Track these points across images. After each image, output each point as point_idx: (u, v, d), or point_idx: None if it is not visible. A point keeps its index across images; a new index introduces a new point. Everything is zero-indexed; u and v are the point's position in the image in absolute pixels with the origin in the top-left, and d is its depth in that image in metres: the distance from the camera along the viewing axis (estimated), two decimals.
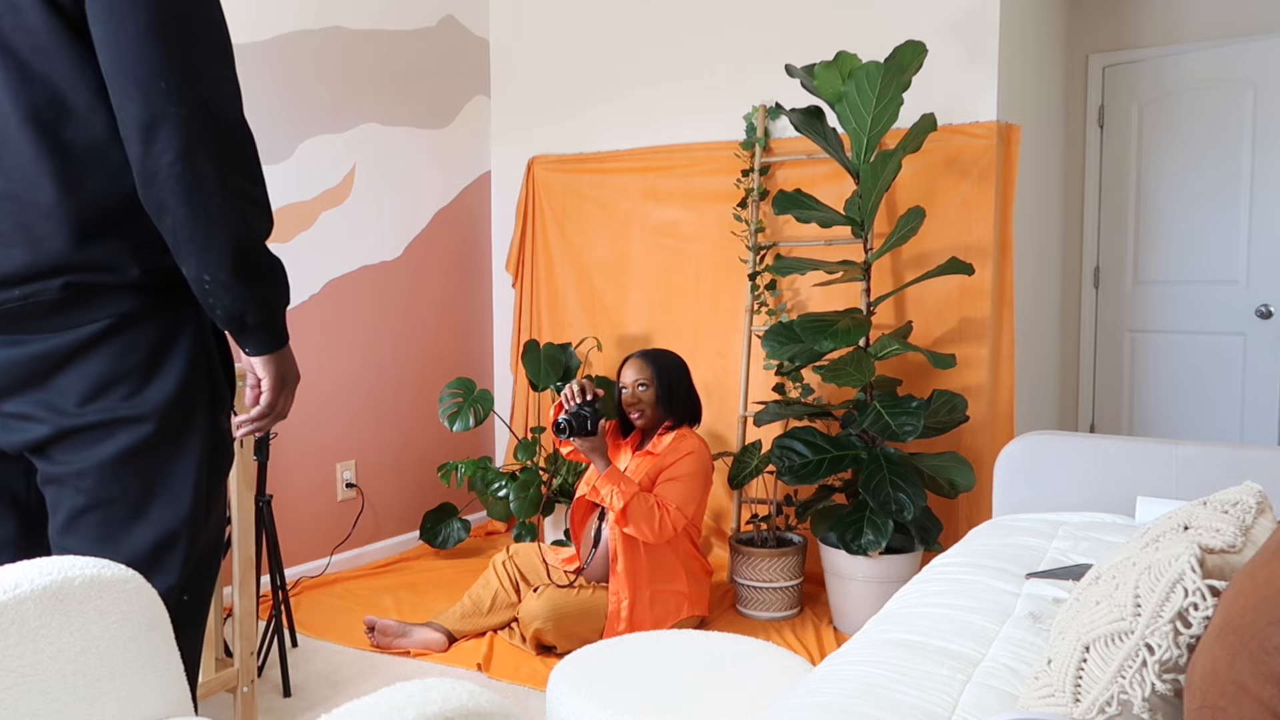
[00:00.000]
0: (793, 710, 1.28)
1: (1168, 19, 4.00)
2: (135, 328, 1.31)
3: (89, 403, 1.31)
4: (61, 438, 1.32)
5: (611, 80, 3.95)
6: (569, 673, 1.88)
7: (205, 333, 1.40)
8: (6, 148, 1.22)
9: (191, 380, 1.36)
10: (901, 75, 2.79)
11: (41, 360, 1.29)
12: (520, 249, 4.20)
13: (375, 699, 0.93)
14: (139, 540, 1.35)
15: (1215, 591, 0.96)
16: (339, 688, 2.58)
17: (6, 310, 1.28)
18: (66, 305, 1.27)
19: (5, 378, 1.30)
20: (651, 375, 2.95)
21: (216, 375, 1.41)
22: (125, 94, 1.18)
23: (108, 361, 1.30)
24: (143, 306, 1.31)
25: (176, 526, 1.37)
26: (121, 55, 1.17)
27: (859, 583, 2.92)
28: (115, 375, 1.31)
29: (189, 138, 1.20)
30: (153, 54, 1.17)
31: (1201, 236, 3.99)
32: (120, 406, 1.31)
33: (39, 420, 1.31)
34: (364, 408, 3.72)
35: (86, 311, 1.28)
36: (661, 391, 2.95)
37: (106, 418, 1.31)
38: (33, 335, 1.28)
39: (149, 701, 1.21)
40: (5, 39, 1.18)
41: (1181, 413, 4.08)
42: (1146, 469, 2.28)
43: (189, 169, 1.21)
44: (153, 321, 1.33)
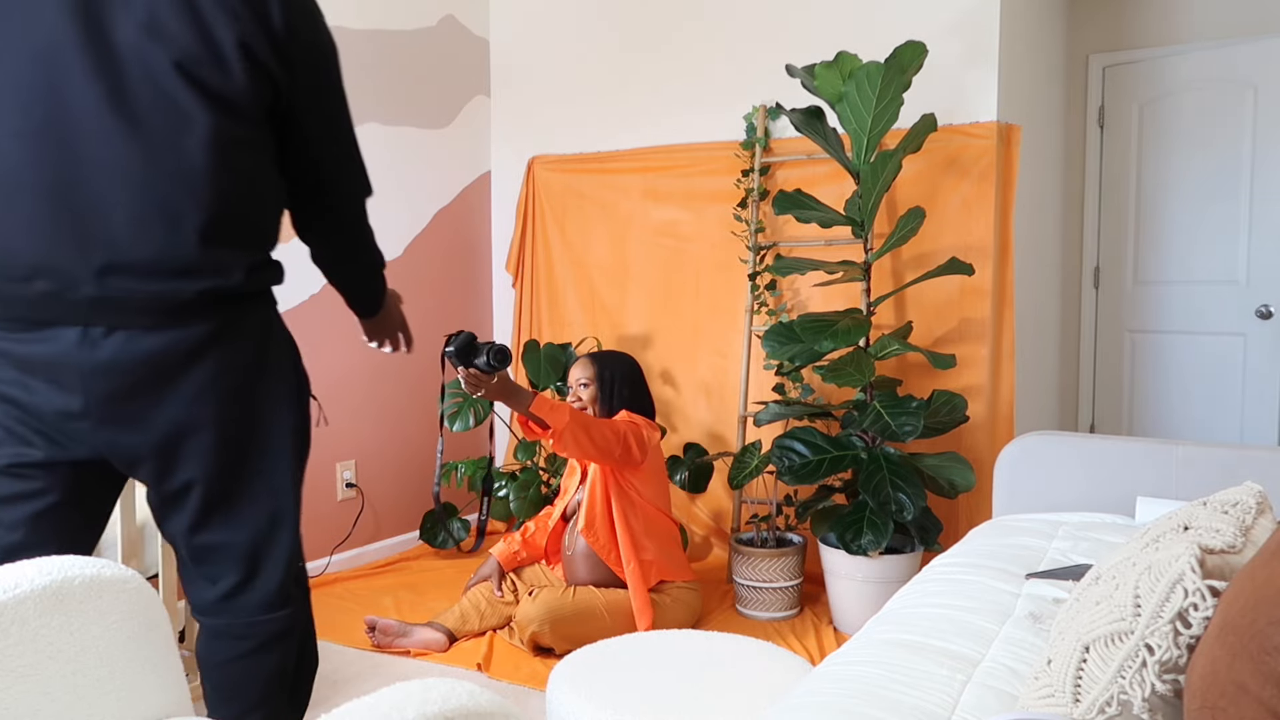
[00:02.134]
0: (793, 710, 1.28)
1: (1168, 19, 4.00)
2: (240, 330, 1.51)
3: (200, 401, 1.47)
4: (174, 440, 1.47)
5: (611, 80, 3.95)
6: (569, 673, 1.88)
7: (285, 330, 1.63)
8: (185, 159, 1.41)
9: (288, 376, 1.60)
10: (902, 75, 2.79)
11: (165, 356, 1.43)
12: (520, 249, 4.20)
13: (375, 699, 0.93)
14: (257, 524, 1.56)
15: (1215, 592, 0.96)
16: (339, 688, 2.58)
17: (135, 301, 1.41)
18: (196, 306, 1.44)
19: (133, 374, 1.43)
20: (594, 374, 2.99)
21: (301, 371, 1.64)
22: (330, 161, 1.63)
23: (219, 362, 1.48)
24: (245, 311, 1.52)
25: (285, 507, 1.60)
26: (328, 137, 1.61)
27: (859, 583, 2.92)
28: (227, 375, 1.49)
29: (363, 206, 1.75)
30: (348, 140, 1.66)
31: (1201, 237, 3.99)
32: (233, 404, 1.50)
33: (152, 425, 1.46)
34: (364, 408, 3.72)
35: (207, 313, 1.46)
36: (602, 391, 2.97)
37: (221, 415, 1.49)
38: (153, 330, 1.42)
39: (149, 701, 1.21)
40: (207, 82, 1.41)
41: (1181, 413, 4.08)
42: (1146, 469, 2.28)
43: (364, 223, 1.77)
44: (253, 324, 1.54)
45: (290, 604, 1.61)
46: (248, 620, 1.57)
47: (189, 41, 1.39)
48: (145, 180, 1.39)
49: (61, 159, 1.37)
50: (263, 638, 1.58)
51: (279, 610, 1.59)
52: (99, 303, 1.39)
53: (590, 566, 2.87)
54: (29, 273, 1.38)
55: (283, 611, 1.60)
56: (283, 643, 1.61)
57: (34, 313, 1.40)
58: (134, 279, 1.40)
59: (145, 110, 1.38)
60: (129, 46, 1.37)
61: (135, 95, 1.38)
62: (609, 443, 2.76)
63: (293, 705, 1.67)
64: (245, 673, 1.57)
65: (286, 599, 1.60)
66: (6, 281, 1.39)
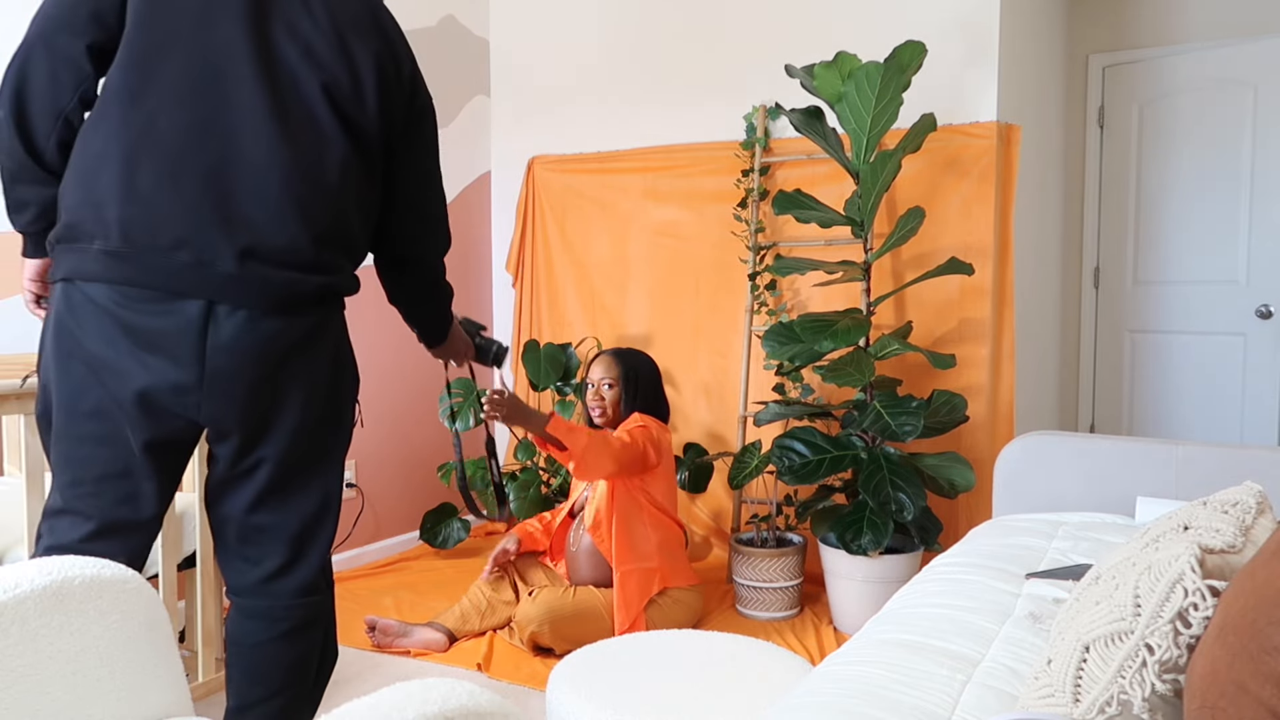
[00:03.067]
0: (793, 710, 1.28)
1: (1168, 19, 4.00)
2: (330, 329, 1.66)
3: (294, 387, 1.61)
4: (268, 420, 1.60)
5: (611, 80, 3.95)
6: (569, 673, 1.88)
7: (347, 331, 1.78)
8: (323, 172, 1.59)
9: (353, 377, 1.75)
10: (901, 75, 2.79)
11: (279, 340, 1.56)
12: (520, 249, 4.20)
13: (375, 699, 0.93)
14: (307, 510, 1.68)
15: (1215, 591, 0.96)
16: (339, 688, 2.58)
17: (265, 286, 1.54)
18: (313, 298, 1.60)
19: (249, 353, 1.54)
20: (618, 375, 2.96)
21: (356, 373, 1.78)
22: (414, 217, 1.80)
23: (315, 354, 1.63)
24: (334, 312, 1.68)
25: (332, 497, 1.72)
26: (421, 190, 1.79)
27: (859, 583, 2.91)
28: (317, 367, 1.64)
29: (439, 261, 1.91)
30: (437, 199, 1.84)
31: (1201, 237, 3.99)
32: (315, 394, 1.64)
33: (254, 404, 1.58)
34: (364, 408, 3.72)
35: (318, 308, 1.62)
36: (626, 392, 2.95)
37: (305, 403, 1.63)
38: (271, 315, 1.55)
39: (149, 701, 1.21)
40: (346, 110, 1.62)
41: (1181, 413, 4.08)
42: (1146, 469, 2.28)
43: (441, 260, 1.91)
44: (337, 325, 1.69)
45: (322, 592, 1.72)
46: (286, 603, 1.67)
47: (338, 71, 1.60)
48: (289, 182, 1.55)
49: (222, 149, 1.52)
50: (296, 621, 1.68)
51: (312, 596, 1.70)
52: (233, 280, 1.51)
53: (594, 565, 2.86)
54: (175, 243, 1.49)
55: (315, 597, 1.70)
56: (312, 629, 1.70)
57: (172, 283, 1.49)
58: (267, 265, 1.54)
59: (296, 122, 1.57)
60: (289, 64, 1.57)
61: (290, 107, 1.56)
62: (630, 459, 2.76)
63: (313, 693, 1.75)
64: (276, 655, 1.67)
65: (319, 586, 1.71)
66: (154, 250, 1.49)
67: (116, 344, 1.48)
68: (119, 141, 1.48)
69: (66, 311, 1.50)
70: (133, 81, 1.49)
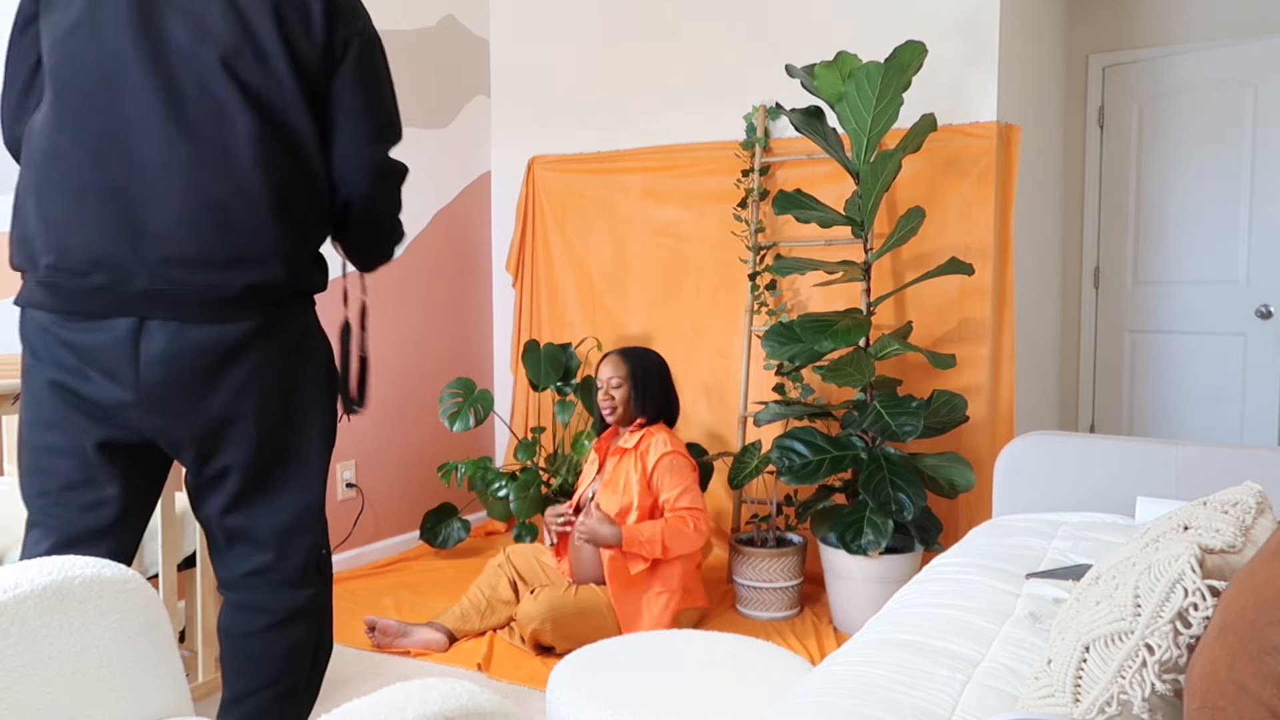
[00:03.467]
0: (793, 710, 1.28)
1: (1168, 19, 4.00)
2: (281, 329, 1.59)
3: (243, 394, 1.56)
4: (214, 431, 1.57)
5: (611, 80, 3.95)
6: (569, 673, 1.88)
7: (319, 329, 1.72)
8: (231, 157, 1.51)
9: (321, 377, 1.70)
10: (901, 75, 2.79)
11: (211, 349, 1.52)
12: (520, 249, 4.20)
13: (375, 699, 0.93)
14: (286, 511, 1.66)
15: (1215, 591, 0.96)
16: (339, 688, 2.58)
17: (184, 294, 1.49)
18: (241, 300, 1.53)
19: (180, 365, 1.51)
20: (626, 374, 2.97)
21: (334, 372, 1.74)
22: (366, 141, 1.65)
23: (261, 358, 1.57)
24: (286, 310, 1.60)
25: (315, 496, 1.69)
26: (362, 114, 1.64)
27: (859, 583, 2.91)
28: (267, 371, 1.58)
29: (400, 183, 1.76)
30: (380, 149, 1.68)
31: (1201, 236, 3.99)
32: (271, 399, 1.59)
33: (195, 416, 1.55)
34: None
35: (252, 309, 1.55)
36: (635, 390, 2.97)
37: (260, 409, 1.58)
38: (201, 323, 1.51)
39: (149, 701, 1.21)
40: (249, 80, 1.51)
41: (1181, 413, 4.08)
42: (1146, 469, 2.28)
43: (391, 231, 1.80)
44: (293, 324, 1.62)
45: (313, 585, 1.71)
46: (273, 595, 1.67)
47: (234, 39, 1.50)
48: (193, 180, 1.49)
49: (123, 160, 1.48)
50: (284, 613, 1.68)
51: (302, 589, 1.69)
52: (151, 295, 1.49)
53: (597, 562, 2.86)
54: (88, 267, 1.48)
55: (305, 590, 1.69)
56: (302, 620, 1.69)
57: (91, 305, 1.50)
58: (183, 271, 1.49)
59: (196, 112, 1.49)
60: (181, 47, 1.49)
61: (186, 98, 1.49)
62: (699, 518, 2.83)
63: (307, 688, 1.74)
64: (266, 646, 1.66)
65: (309, 580, 1.70)
66: (69, 275, 1.49)
67: (65, 360, 1.52)
68: (33, 172, 1.51)
69: (26, 332, 1.57)
70: (46, 113, 1.51)
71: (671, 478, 2.85)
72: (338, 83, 1.60)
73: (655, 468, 2.86)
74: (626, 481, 2.88)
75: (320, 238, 1.67)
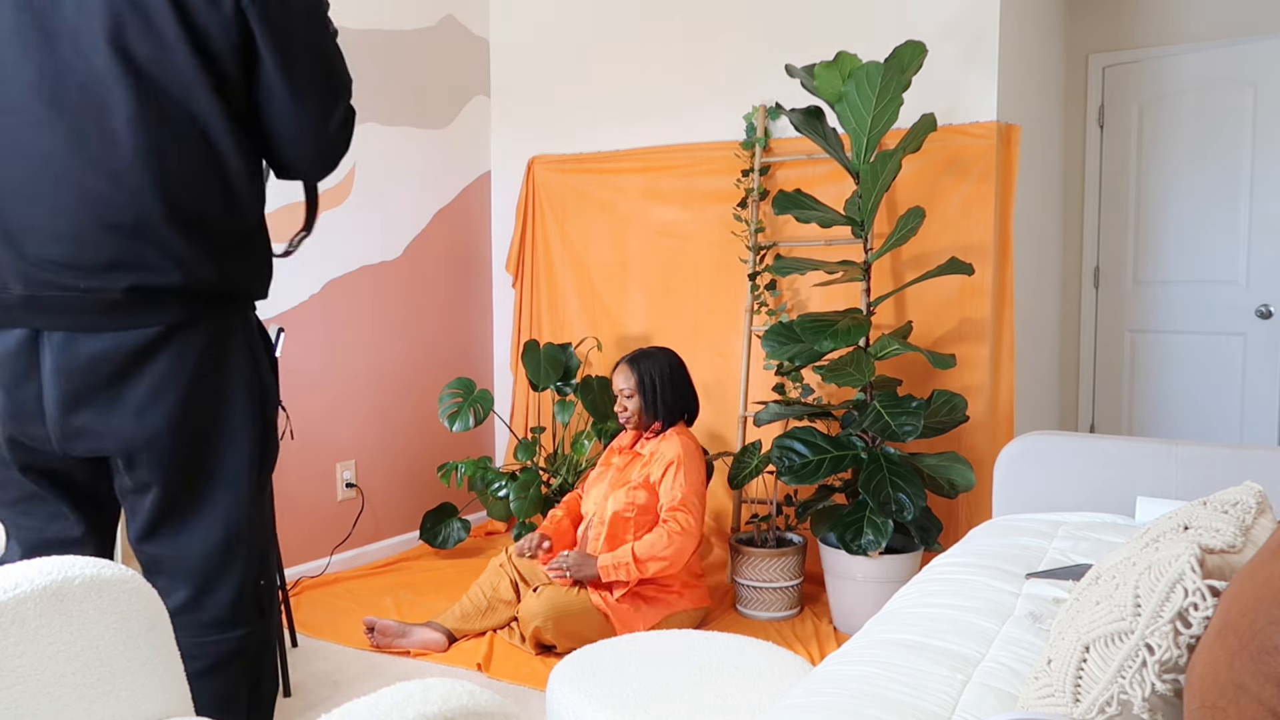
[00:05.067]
0: (793, 710, 1.27)
1: (1168, 19, 4.00)
2: (192, 333, 1.42)
3: (150, 409, 1.40)
4: (127, 447, 1.41)
5: (611, 80, 3.95)
6: (569, 673, 1.88)
7: (253, 337, 1.53)
8: (112, 144, 1.33)
9: (248, 385, 1.50)
10: (901, 75, 2.79)
11: (105, 361, 1.37)
12: (520, 249, 4.20)
13: (375, 699, 0.93)
14: (209, 540, 1.48)
15: (1215, 591, 0.96)
16: (339, 688, 2.58)
17: (66, 301, 1.35)
18: (129, 305, 1.37)
19: (74, 380, 1.37)
20: (635, 384, 2.99)
21: (265, 379, 1.54)
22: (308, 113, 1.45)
23: (167, 367, 1.40)
24: (196, 311, 1.42)
25: (241, 524, 1.50)
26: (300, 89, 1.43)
27: (859, 583, 2.91)
28: (177, 382, 1.41)
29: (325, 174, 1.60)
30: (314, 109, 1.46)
31: (1201, 236, 3.99)
32: (182, 412, 1.42)
33: (103, 433, 1.40)
34: (364, 408, 3.72)
35: (146, 314, 1.38)
36: (645, 399, 2.99)
37: (170, 424, 1.41)
38: (91, 332, 1.36)
39: (149, 701, 1.21)
40: (137, 55, 1.32)
41: (1181, 413, 4.08)
42: (1146, 469, 2.28)
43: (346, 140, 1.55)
44: (209, 327, 1.44)
45: (244, 625, 1.51)
46: (197, 639, 1.48)
47: (119, 7, 1.31)
48: (70, 169, 1.32)
49: (1, 160, 1.34)
50: (211, 659, 1.49)
51: (230, 631, 1.49)
52: (30, 302, 1.35)
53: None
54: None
55: (235, 632, 1.50)
56: (232, 668, 1.50)
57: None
58: (65, 275, 1.33)
59: (74, 90, 1.32)
60: (66, 25, 1.32)
61: (65, 82, 1.32)
62: (683, 515, 2.82)
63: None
64: (197, 692, 1.43)
65: (240, 619, 1.51)
66: None
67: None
68: None
69: None
70: None
71: (672, 483, 2.86)
72: (261, 49, 1.39)
73: (663, 477, 2.88)
74: (633, 484, 2.90)
75: (239, 231, 1.46)
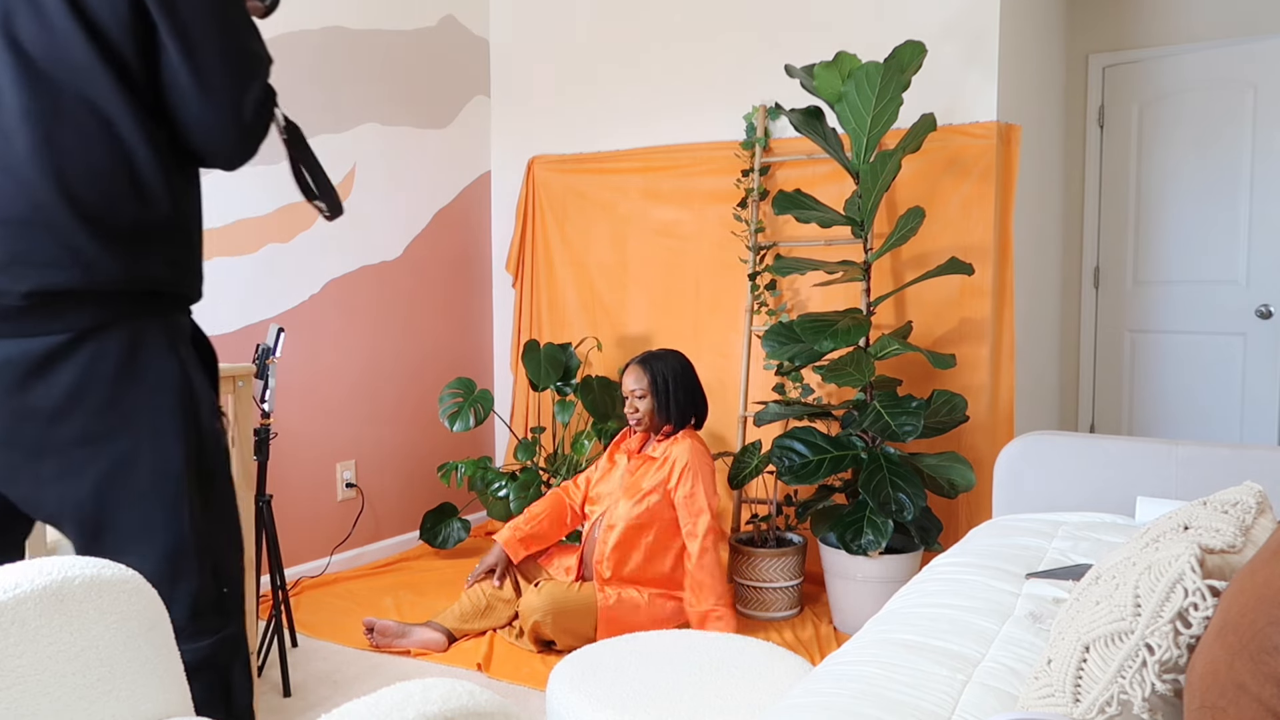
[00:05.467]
0: (793, 710, 1.27)
1: (1168, 19, 4.00)
2: (104, 337, 1.32)
3: (61, 424, 1.32)
4: (40, 469, 1.33)
5: (611, 80, 3.95)
6: (569, 672, 1.88)
7: (179, 340, 1.42)
8: (10, 142, 1.28)
9: (173, 391, 1.39)
10: (901, 75, 2.79)
11: (5, 371, 1.29)
12: (520, 249, 4.20)
13: (375, 699, 0.93)
14: (152, 554, 1.38)
15: (1215, 591, 0.96)
16: (339, 688, 2.58)
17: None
18: (31, 310, 1.29)
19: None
20: (648, 385, 2.96)
21: (193, 385, 1.42)
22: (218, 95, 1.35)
23: (76, 376, 1.31)
24: (106, 315, 1.33)
25: (182, 533, 1.40)
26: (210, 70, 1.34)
27: (859, 583, 2.91)
28: (88, 392, 1.32)
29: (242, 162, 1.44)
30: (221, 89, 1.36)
31: (1201, 236, 3.99)
32: (96, 425, 1.33)
33: (17, 447, 1.32)
34: (364, 408, 3.72)
35: (50, 320, 1.30)
36: (658, 400, 2.95)
37: (85, 437, 1.33)
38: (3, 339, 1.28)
39: (149, 701, 1.21)
40: (23, 40, 1.26)
41: (1181, 413, 4.08)
42: (1146, 469, 2.28)
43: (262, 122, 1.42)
44: (122, 331, 1.34)
45: (208, 635, 1.44)
46: None
47: (6, 0, 1.26)
48: None
49: None
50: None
51: (193, 642, 1.41)
52: None
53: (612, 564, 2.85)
54: None
55: (198, 643, 1.42)
56: (201, 676, 1.43)
57: None
58: None
59: None
60: None
61: None
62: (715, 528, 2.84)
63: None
64: None
65: (202, 629, 1.43)
66: None
67: None
68: None
69: None
70: None
71: (688, 508, 2.83)
72: (161, 33, 1.31)
73: (677, 485, 2.85)
74: (645, 490, 2.87)
75: (153, 226, 1.36)
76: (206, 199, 1.65)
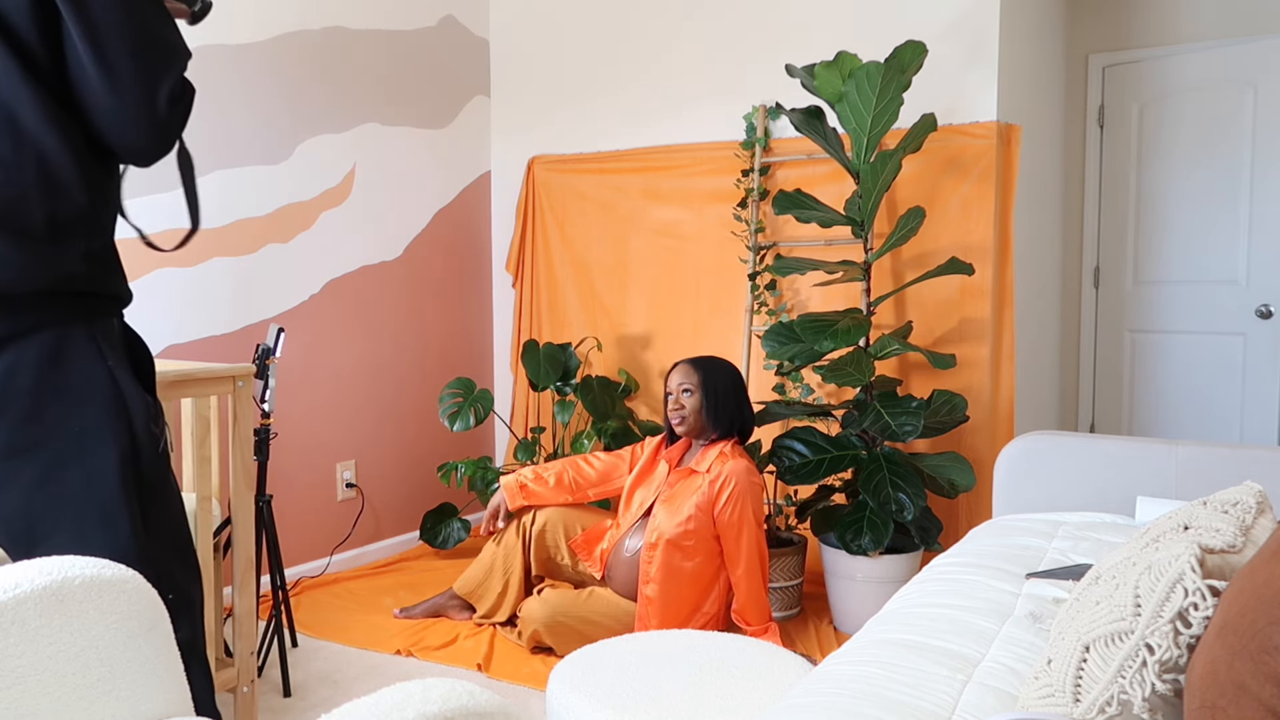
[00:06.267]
0: (793, 710, 1.28)
1: (1168, 19, 4.00)
2: (23, 341, 1.28)
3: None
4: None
5: (611, 80, 3.95)
6: (569, 673, 1.88)
7: (108, 343, 1.37)
8: None
9: (102, 395, 1.34)
10: (901, 75, 2.79)
11: None
12: (520, 249, 4.20)
13: (375, 699, 0.93)
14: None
15: (1215, 591, 0.96)
16: (339, 688, 2.58)
17: None
18: None
19: None
20: (698, 381, 2.78)
21: (123, 388, 1.37)
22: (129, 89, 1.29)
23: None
24: (26, 322, 1.28)
25: (121, 543, 1.35)
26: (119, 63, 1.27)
27: (859, 583, 2.91)
28: (3, 401, 1.28)
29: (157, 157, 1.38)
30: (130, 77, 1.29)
31: (1201, 236, 3.99)
32: (15, 436, 1.29)
33: None
34: (364, 408, 3.72)
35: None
36: (707, 399, 2.77)
37: (5, 449, 1.28)
38: None
39: (149, 701, 1.21)
40: None
41: (1181, 413, 4.08)
42: (1146, 469, 2.28)
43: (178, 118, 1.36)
44: (43, 334, 1.30)
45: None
46: None
47: None
48: None
49: None
50: None
51: None
52: None
53: (633, 580, 2.76)
54: None
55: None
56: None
57: None
58: None
59: None
60: None
61: None
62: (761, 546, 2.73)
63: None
64: None
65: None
66: None
67: None
68: None
69: None
70: None
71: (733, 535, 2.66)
72: (67, 25, 1.25)
73: (724, 509, 2.66)
74: (688, 503, 2.69)
75: (68, 223, 1.31)
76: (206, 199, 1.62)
